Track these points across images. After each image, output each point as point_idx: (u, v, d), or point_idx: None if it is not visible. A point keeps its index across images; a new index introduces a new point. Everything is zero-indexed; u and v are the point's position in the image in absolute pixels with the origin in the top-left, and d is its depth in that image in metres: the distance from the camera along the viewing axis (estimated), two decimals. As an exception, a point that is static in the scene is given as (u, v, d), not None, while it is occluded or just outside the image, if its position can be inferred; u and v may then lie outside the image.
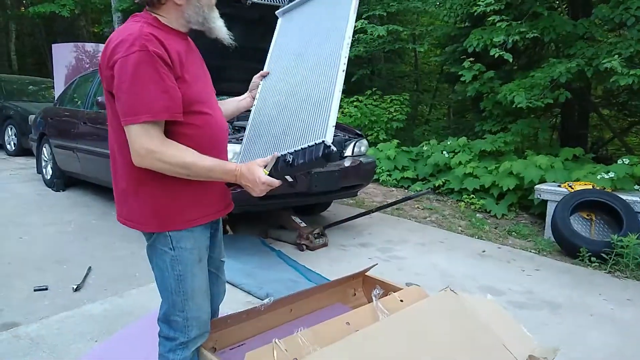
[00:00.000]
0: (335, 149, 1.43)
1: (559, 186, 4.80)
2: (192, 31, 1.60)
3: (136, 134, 1.37)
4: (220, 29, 1.61)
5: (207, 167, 1.44)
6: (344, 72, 1.61)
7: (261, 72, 1.94)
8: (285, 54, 1.94)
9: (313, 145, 1.44)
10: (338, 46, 1.66)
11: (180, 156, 1.41)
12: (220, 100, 1.87)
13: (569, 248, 4.23)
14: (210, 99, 1.60)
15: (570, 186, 4.68)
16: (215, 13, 1.59)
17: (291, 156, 1.47)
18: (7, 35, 17.48)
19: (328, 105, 1.52)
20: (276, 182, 1.48)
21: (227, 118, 1.86)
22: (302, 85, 1.72)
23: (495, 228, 5.14)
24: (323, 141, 1.42)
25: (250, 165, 1.48)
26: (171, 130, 1.44)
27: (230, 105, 1.91)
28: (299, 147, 1.48)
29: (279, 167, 1.48)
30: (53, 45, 9.67)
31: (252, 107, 1.90)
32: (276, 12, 2.16)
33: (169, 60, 1.39)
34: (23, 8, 17.30)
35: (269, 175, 1.47)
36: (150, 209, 1.52)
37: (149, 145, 1.37)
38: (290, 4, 2.05)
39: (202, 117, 1.51)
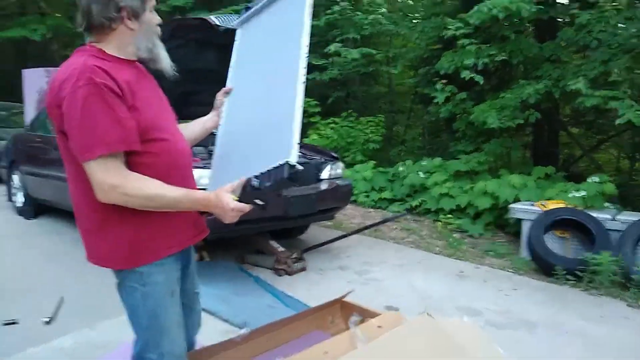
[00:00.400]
0: (301, 167, 1.40)
1: (533, 205, 4.89)
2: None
3: (96, 169, 1.33)
4: (164, 58, 1.57)
5: (174, 197, 1.41)
6: (304, 83, 1.54)
7: (224, 88, 1.88)
8: (245, 68, 1.89)
9: (278, 167, 1.40)
10: (295, 58, 1.59)
11: (145, 188, 1.37)
12: (184, 123, 1.83)
13: (544, 266, 4.29)
14: (167, 125, 1.55)
15: (543, 205, 4.77)
16: (159, 43, 1.57)
17: (257, 180, 1.44)
18: (-25, 60, 17.15)
19: (290, 122, 1.47)
20: (246, 207, 1.45)
21: (194, 141, 1.81)
22: (264, 102, 1.68)
23: (473, 248, 5.19)
24: (287, 162, 1.38)
25: (218, 192, 1.45)
26: (129, 161, 1.40)
27: (196, 127, 1.84)
28: (265, 169, 1.44)
29: (246, 192, 1.45)
30: (24, 70, 9.54)
31: (218, 126, 1.85)
32: (234, 24, 2.09)
33: (118, 90, 1.35)
34: (-8, 32, 17.07)
35: (238, 200, 1.45)
36: (116, 246, 1.48)
37: (111, 180, 1.33)
38: (247, 13, 1.98)
39: (159, 143, 1.47)
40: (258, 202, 1.47)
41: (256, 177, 1.45)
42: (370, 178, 6.93)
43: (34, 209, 5.86)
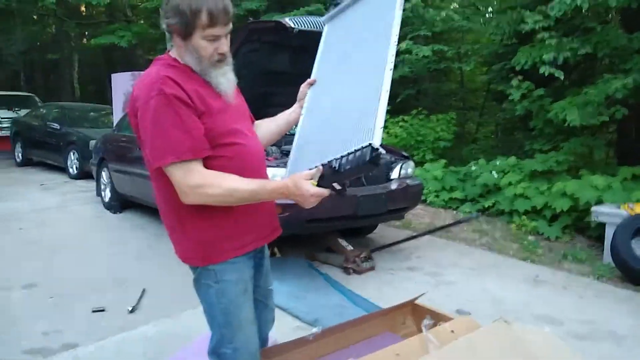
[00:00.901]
0: (384, 151, 1.36)
1: (619, 208, 4.58)
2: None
3: (174, 172, 1.41)
4: (221, 85, 1.53)
5: (252, 189, 1.45)
6: (392, 70, 1.53)
7: (308, 80, 1.88)
8: (330, 59, 1.91)
9: (360, 149, 1.36)
10: (384, 45, 1.57)
11: (224, 184, 1.42)
12: (270, 118, 1.88)
13: (631, 274, 4.01)
14: (240, 128, 1.58)
15: (631, 208, 4.45)
16: (221, 70, 1.52)
17: (337, 162, 1.41)
18: (70, 65, 18.63)
19: (374, 106, 1.45)
20: (325, 192, 1.45)
21: (279, 135, 1.87)
22: (348, 88, 1.68)
23: (549, 251, 4.95)
24: (370, 144, 1.33)
25: (296, 180, 1.45)
26: (204, 165, 1.46)
27: (280, 120, 1.87)
28: (345, 153, 1.41)
29: (325, 176, 1.44)
30: (112, 74, 10.23)
31: (300, 116, 1.85)
32: (322, 19, 2.11)
33: (188, 100, 1.41)
34: (85, 40, 18.44)
35: (317, 185, 1.44)
36: (190, 243, 1.56)
37: (190, 181, 1.40)
38: (335, 10, 2.00)
39: (232, 148, 1.51)
40: (336, 186, 1.45)
41: (336, 159, 1.42)
42: (440, 177, 6.78)
43: (120, 204, 6.28)
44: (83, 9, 18.30)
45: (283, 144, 4.67)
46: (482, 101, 10.92)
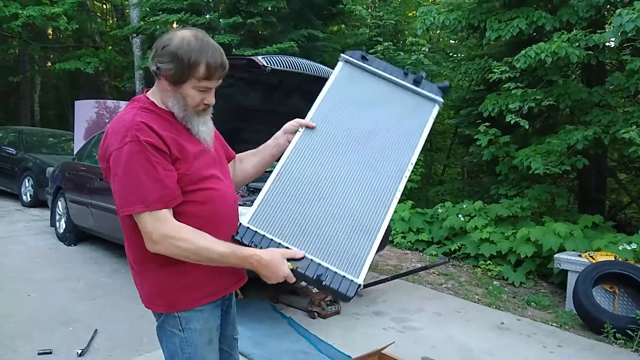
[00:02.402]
0: (362, 286, 1.37)
1: (580, 256, 4.66)
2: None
3: (146, 221, 1.35)
4: (202, 133, 1.50)
5: (222, 252, 1.38)
6: (401, 192, 1.51)
7: (305, 121, 1.65)
8: (338, 118, 1.66)
9: (349, 281, 1.36)
10: (408, 149, 1.53)
11: (196, 242, 1.37)
12: (250, 151, 1.78)
13: (592, 323, 4.04)
14: (215, 173, 1.53)
15: (591, 256, 4.54)
16: (203, 119, 1.50)
17: (325, 277, 1.36)
18: (32, 88, 18.14)
19: (372, 234, 1.41)
20: (293, 279, 1.39)
21: (263, 167, 1.77)
22: (350, 182, 1.52)
23: (514, 297, 4.97)
24: (359, 285, 1.35)
25: (274, 255, 1.37)
26: (174, 209, 1.41)
27: (265, 154, 1.74)
28: (333, 269, 1.37)
29: (305, 272, 1.38)
30: (76, 102, 9.98)
31: (283, 156, 1.63)
32: (342, 55, 1.82)
33: (164, 146, 1.38)
34: (50, 63, 18.06)
35: (291, 269, 1.38)
36: (156, 289, 1.49)
37: (161, 229, 1.35)
38: (359, 62, 1.78)
39: (205, 192, 1.47)
40: (304, 284, 1.43)
41: (324, 272, 1.37)
42: (407, 219, 6.79)
43: (76, 235, 6.00)
44: (50, 32, 18.01)
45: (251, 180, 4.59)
46: (450, 144, 11.18)
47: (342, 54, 1.81)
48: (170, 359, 1.52)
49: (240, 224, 1.43)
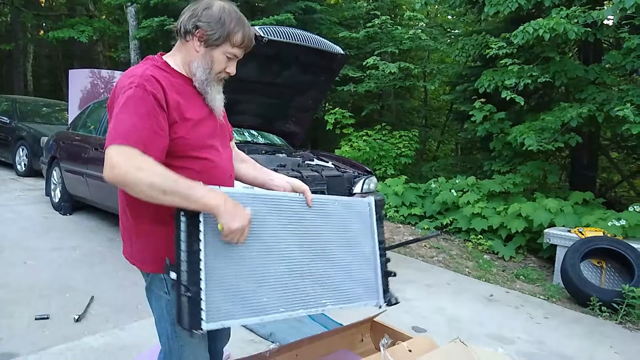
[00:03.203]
0: None
1: (569, 231, 4.75)
2: None
3: (121, 151, 1.29)
4: (216, 101, 1.56)
5: (188, 184, 1.32)
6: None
7: (299, 195, 1.67)
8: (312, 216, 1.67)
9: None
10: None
11: (159, 167, 1.31)
12: (254, 163, 1.81)
13: (578, 296, 4.15)
14: (215, 144, 1.55)
15: (580, 232, 4.62)
16: (219, 87, 1.57)
17: None
18: (24, 57, 17.86)
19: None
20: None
21: (246, 180, 1.78)
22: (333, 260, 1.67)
23: (503, 271, 5.07)
24: None
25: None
26: None
27: (261, 176, 1.77)
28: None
29: None
30: (70, 70, 9.85)
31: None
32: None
33: (164, 104, 1.39)
34: (42, 32, 17.75)
35: None
36: (147, 248, 1.51)
37: (124, 155, 1.29)
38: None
39: (202, 162, 1.49)
40: None
41: None
42: (401, 193, 6.85)
43: (71, 205, 6.01)
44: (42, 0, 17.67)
45: (246, 152, 4.60)
46: (444, 120, 11.18)
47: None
48: (158, 321, 1.56)
49: None
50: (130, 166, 1.27)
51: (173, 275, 1.34)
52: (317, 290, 1.59)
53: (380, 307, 1.79)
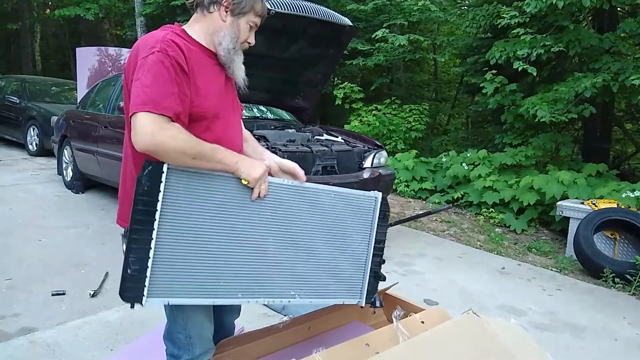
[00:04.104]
0: None
1: (582, 203, 4.70)
2: None
3: (145, 117, 1.31)
4: (239, 72, 1.58)
5: (211, 146, 1.40)
6: None
7: (297, 181, 1.66)
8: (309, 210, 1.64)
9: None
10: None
11: (187, 134, 1.36)
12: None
13: (592, 268, 4.13)
14: (226, 119, 1.56)
15: (594, 204, 4.58)
16: (241, 58, 1.58)
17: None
18: (32, 36, 17.81)
19: None
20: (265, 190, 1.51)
21: None
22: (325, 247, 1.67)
23: (515, 244, 5.05)
24: None
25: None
26: None
27: (248, 148, 1.76)
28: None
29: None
30: (77, 48, 9.80)
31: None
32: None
33: (186, 68, 1.39)
34: (49, 10, 17.65)
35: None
36: None
37: (157, 124, 1.32)
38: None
39: (212, 134, 1.49)
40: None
41: None
42: (411, 167, 6.80)
43: (83, 183, 6.06)
44: (48, -23, 17.53)
45: (255, 128, 4.58)
46: (455, 93, 11.02)
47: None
48: None
49: None
50: (163, 135, 1.31)
51: (124, 246, 1.34)
52: (286, 280, 1.58)
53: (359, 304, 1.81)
